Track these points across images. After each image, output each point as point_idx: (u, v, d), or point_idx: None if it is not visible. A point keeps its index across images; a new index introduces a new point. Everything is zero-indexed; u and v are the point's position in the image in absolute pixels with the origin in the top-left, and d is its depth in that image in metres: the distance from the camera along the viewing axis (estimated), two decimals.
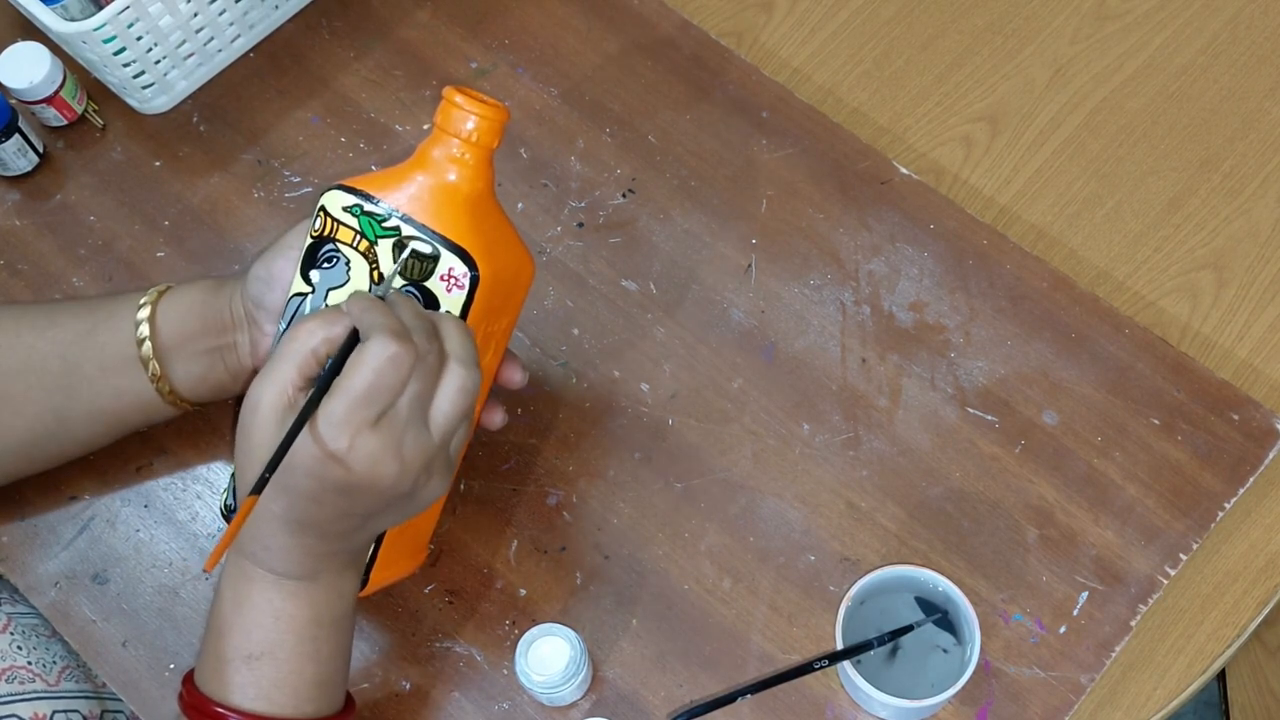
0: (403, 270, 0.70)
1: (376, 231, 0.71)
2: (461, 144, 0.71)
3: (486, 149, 0.72)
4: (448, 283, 0.70)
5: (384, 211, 0.71)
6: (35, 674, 0.85)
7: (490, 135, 0.72)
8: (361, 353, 0.65)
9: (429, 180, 0.71)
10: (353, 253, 0.71)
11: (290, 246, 0.77)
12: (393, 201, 0.71)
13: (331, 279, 0.72)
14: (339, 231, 0.72)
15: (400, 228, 0.70)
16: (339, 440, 0.65)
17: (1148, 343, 0.89)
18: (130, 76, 0.98)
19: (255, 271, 0.79)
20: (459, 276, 0.70)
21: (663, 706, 0.82)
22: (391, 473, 0.66)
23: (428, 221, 0.70)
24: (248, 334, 0.81)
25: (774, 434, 0.88)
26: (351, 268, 0.72)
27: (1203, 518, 0.84)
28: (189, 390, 0.83)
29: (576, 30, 1.03)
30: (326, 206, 0.72)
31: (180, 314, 0.81)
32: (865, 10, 1.04)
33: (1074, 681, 0.81)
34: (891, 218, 0.94)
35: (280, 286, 0.77)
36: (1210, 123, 0.98)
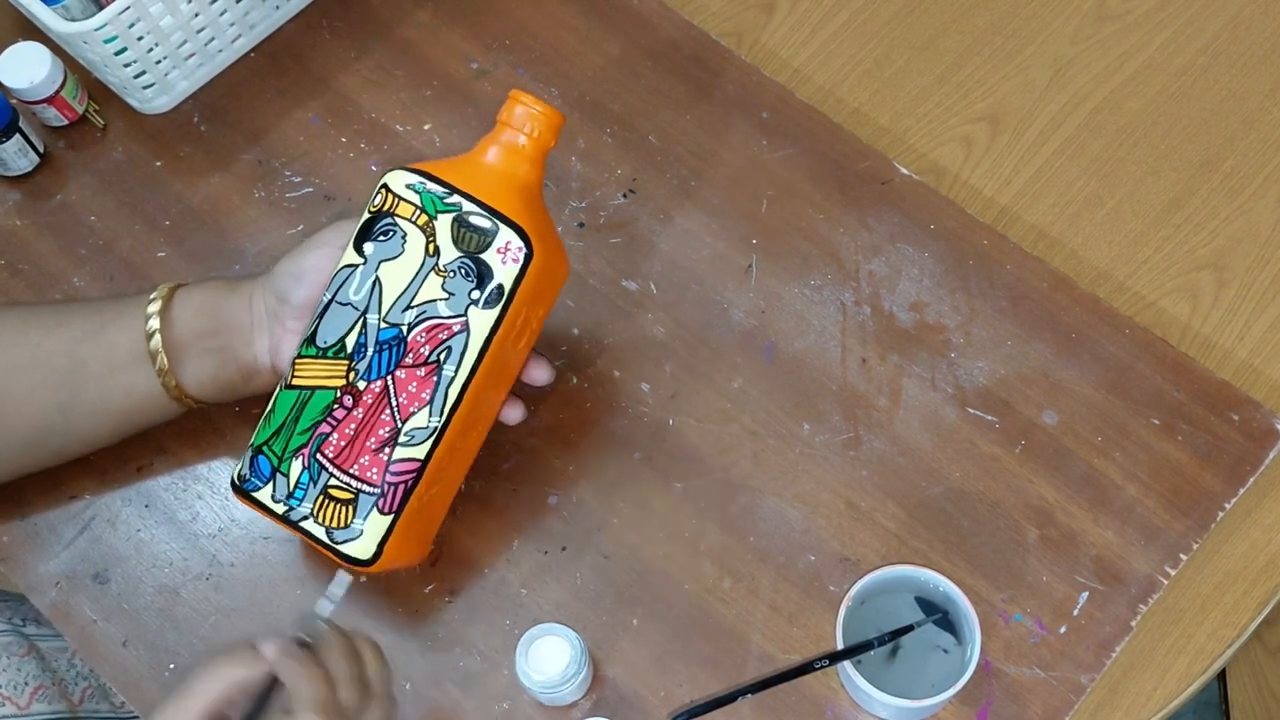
0: (459, 240, 0.76)
1: (438, 206, 0.77)
2: (523, 138, 0.78)
3: (543, 146, 0.79)
4: (503, 255, 0.76)
5: (445, 189, 0.77)
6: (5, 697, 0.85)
7: (548, 134, 0.79)
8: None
9: (489, 166, 0.78)
10: (411, 227, 0.77)
11: (325, 243, 0.81)
12: (455, 181, 0.77)
13: (386, 251, 0.77)
14: (399, 207, 0.77)
15: (461, 204, 0.76)
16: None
17: (1148, 343, 0.89)
18: (131, 76, 0.98)
19: (284, 267, 0.81)
20: (514, 250, 0.76)
21: (663, 706, 0.82)
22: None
23: (487, 200, 0.76)
24: (267, 333, 0.81)
25: (774, 434, 0.88)
26: (408, 240, 0.77)
27: (1203, 518, 0.84)
28: (197, 388, 0.83)
29: (576, 30, 1.03)
30: (389, 184, 0.78)
31: (193, 311, 0.82)
32: (865, 10, 1.04)
33: (1074, 681, 0.81)
34: (891, 218, 0.94)
35: (309, 281, 0.80)
36: (1210, 123, 0.98)
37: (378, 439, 0.76)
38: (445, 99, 1.02)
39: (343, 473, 0.77)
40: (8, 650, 0.88)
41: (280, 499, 0.77)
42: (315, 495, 0.77)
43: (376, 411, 0.77)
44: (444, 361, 0.76)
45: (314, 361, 0.78)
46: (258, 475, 0.78)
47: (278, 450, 0.78)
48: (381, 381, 0.77)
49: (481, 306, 0.76)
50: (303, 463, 0.77)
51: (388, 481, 0.76)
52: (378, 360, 0.77)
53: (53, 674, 0.90)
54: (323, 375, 0.78)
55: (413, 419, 0.76)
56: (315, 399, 0.77)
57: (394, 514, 0.76)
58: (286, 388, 0.78)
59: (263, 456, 0.78)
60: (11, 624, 0.93)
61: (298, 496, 0.77)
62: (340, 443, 0.77)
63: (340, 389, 0.77)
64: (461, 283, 0.76)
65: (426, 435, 0.76)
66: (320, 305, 0.79)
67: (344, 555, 0.77)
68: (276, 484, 0.78)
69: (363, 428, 0.77)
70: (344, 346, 0.77)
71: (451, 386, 0.76)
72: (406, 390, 0.76)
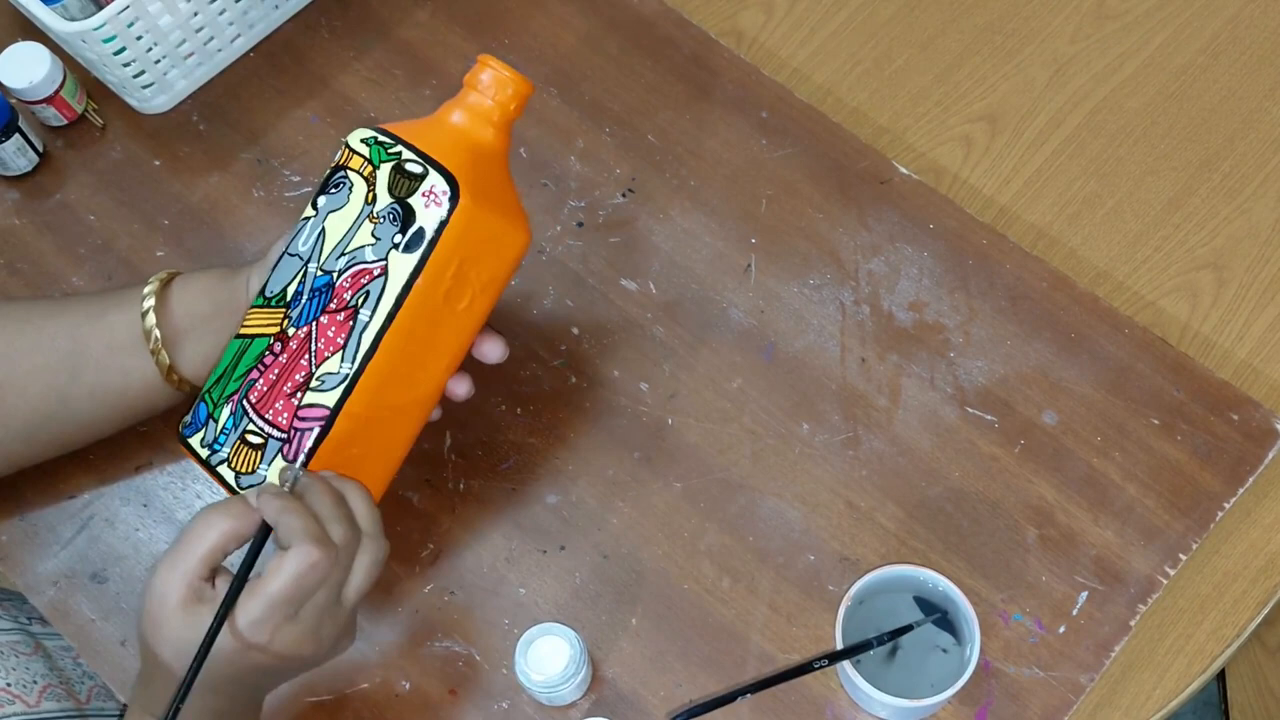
0: (392, 187, 0.75)
1: (381, 157, 0.76)
2: (487, 100, 0.77)
3: (506, 112, 0.77)
4: (427, 199, 0.74)
5: (392, 140, 0.76)
6: (15, 695, 0.85)
7: (511, 100, 0.77)
8: (282, 559, 0.67)
9: (446, 124, 0.78)
10: (357, 177, 0.76)
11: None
12: (405, 136, 0.76)
13: (334, 202, 0.77)
14: (351, 160, 0.77)
15: (401, 152, 0.75)
16: (258, 636, 0.68)
17: (1148, 343, 0.89)
18: (130, 76, 0.98)
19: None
20: (439, 194, 0.73)
21: (662, 706, 0.82)
22: (309, 652, 0.70)
23: (427, 150, 0.75)
24: None
25: (773, 434, 0.88)
26: (353, 191, 0.76)
27: (1202, 518, 0.84)
28: (195, 372, 0.83)
29: (576, 30, 1.03)
30: (349, 140, 0.78)
31: (192, 296, 0.82)
32: (865, 10, 1.04)
33: (1074, 681, 0.81)
34: (891, 218, 0.94)
35: None
36: (1210, 123, 0.98)
37: (294, 384, 0.74)
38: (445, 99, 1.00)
39: (259, 418, 0.75)
40: (15, 649, 0.88)
41: (207, 444, 0.76)
42: (234, 440, 0.75)
43: (298, 357, 0.75)
44: (361, 306, 0.74)
45: (259, 311, 0.77)
46: (196, 421, 0.77)
47: (215, 397, 0.77)
48: (307, 327, 0.75)
49: (402, 250, 0.73)
50: (230, 408, 0.76)
51: (294, 427, 0.74)
52: (308, 307, 0.75)
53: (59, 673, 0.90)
54: (263, 324, 0.77)
55: (326, 364, 0.74)
56: (253, 346, 0.76)
57: (300, 464, 0.74)
58: (235, 337, 0.78)
59: (203, 403, 0.77)
60: (18, 623, 0.93)
61: (220, 441, 0.76)
62: (263, 389, 0.75)
63: (273, 336, 0.76)
64: (388, 228, 0.74)
65: (337, 381, 0.73)
66: (277, 257, 0.78)
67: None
68: (208, 429, 0.77)
69: (284, 373, 0.75)
70: (284, 295, 0.76)
71: (365, 332, 0.73)
72: (325, 335, 0.74)
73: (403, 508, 0.88)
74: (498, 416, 0.87)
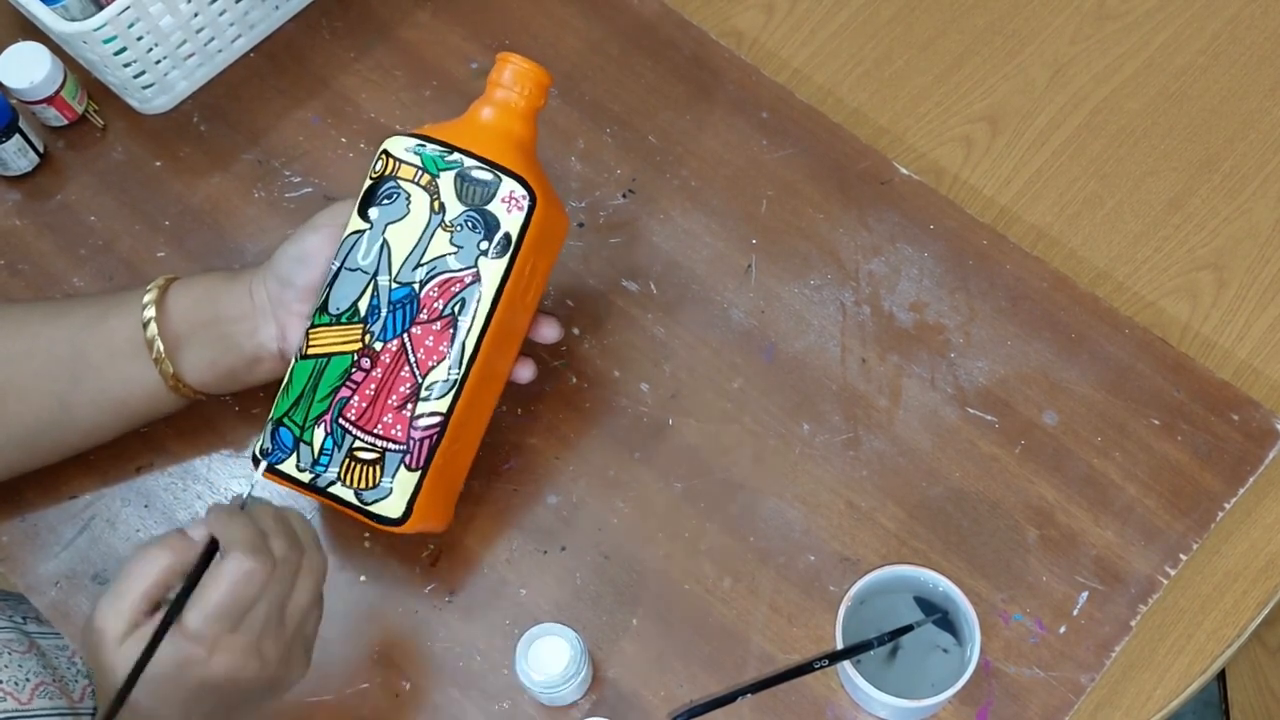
0: (463, 195, 0.78)
1: (439, 165, 0.78)
2: (515, 96, 0.80)
3: (534, 105, 0.81)
4: (508, 204, 0.77)
5: (445, 149, 0.78)
6: (7, 692, 0.85)
7: (538, 92, 0.81)
8: (219, 568, 0.69)
9: (485, 125, 0.80)
10: (414, 187, 0.78)
11: (323, 225, 0.81)
12: (454, 141, 0.79)
13: (391, 214, 0.79)
14: (401, 170, 0.79)
15: (462, 160, 0.78)
16: (198, 647, 0.68)
17: (1148, 343, 0.89)
18: (130, 76, 0.98)
19: (285, 252, 0.82)
20: (519, 198, 0.77)
21: (663, 706, 0.82)
22: (252, 671, 0.70)
23: (487, 155, 0.78)
24: (272, 320, 0.82)
25: (774, 434, 0.88)
26: (412, 201, 0.78)
27: (1203, 518, 0.84)
28: (195, 378, 0.83)
29: (576, 30, 1.03)
30: (389, 149, 0.79)
31: (191, 301, 0.82)
32: (865, 11, 1.04)
33: (1074, 681, 0.81)
34: (891, 218, 0.94)
35: (313, 264, 0.81)
36: (1210, 123, 0.98)
37: (399, 396, 0.77)
38: (445, 99, 1.01)
39: (367, 434, 0.77)
40: (9, 647, 0.88)
41: (306, 467, 0.78)
42: (341, 459, 0.77)
43: (395, 370, 0.77)
44: (459, 314, 0.77)
45: (328, 329, 0.78)
46: (280, 447, 0.78)
47: (299, 420, 0.78)
48: (398, 340, 0.77)
49: (491, 256, 0.77)
50: (325, 429, 0.78)
51: (413, 437, 0.77)
52: (392, 320, 0.78)
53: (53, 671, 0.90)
54: (338, 341, 0.78)
55: (432, 373, 0.77)
56: (332, 365, 0.78)
57: (421, 470, 0.77)
58: (302, 358, 0.79)
59: (284, 428, 0.78)
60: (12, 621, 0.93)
61: (323, 463, 0.78)
62: (362, 405, 0.77)
63: (357, 352, 0.78)
64: (469, 235, 0.77)
65: (447, 388, 0.77)
66: (329, 274, 0.79)
67: (374, 515, 0.77)
68: (300, 453, 0.78)
69: (383, 387, 0.77)
70: (357, 311, 0.78)
71: (468, 338, 0.77)
72: (423, 346, 0.77)
73: None
74: (498, 417, 0.87)
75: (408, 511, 0.77)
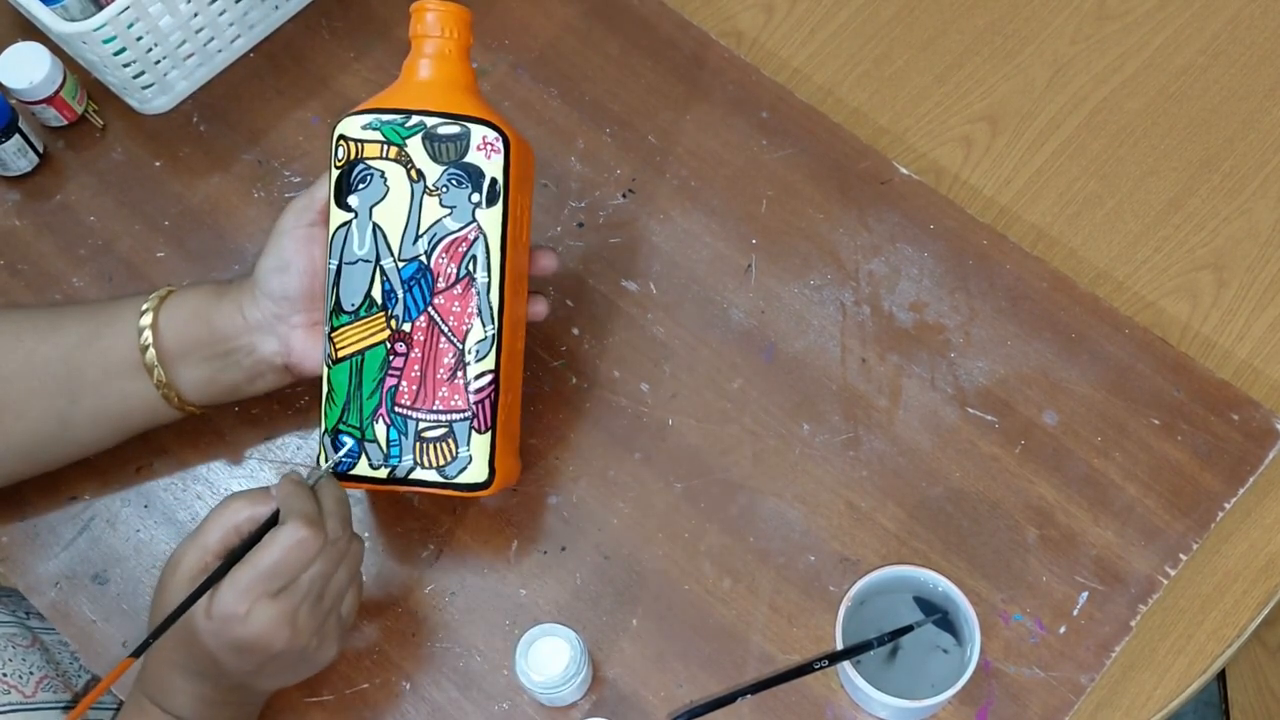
0: (438, 156, 0.77)
1: (402, 133, 0.77)
2: (443, 42, 0.79)
3: (464, 44, 0.80)
4: (485, 150, 0.77)
5: (401, 115, 0.77)
6: (11, 685, 0.85)
7: (463, 29, 0.79)
8: (275, 533, 0.72)
9: (427, 81, 0.79)
10: (385, 163, 0.78)
11: (290, 227, 0.81)
12: (406, 105, 0.77)
13: (371, 196, 0.78)
14: (365, 150, 0.78)
15: (423, 122, 0.77)
16: (239, 605, 0.71)
17: (1148, 343, 0.89)
18: (130, 77, 0.98)
19: (266, 265, 0.81)
20: (492, 141, 0.77)
21: (663, 706, 0.82)
22: (283, 638, 0.72)
23: (445, 109, 0.77)
24: (272, 336, 0.81)
25: (774, 434, 0.88)
26: (388, 178, 0.77)
27: (1203, 518, 0.84)
28: (196, 394, 0.83)
29: (576, 30, 1.03)
30: (344, 134, 0.78)
31: (184, 320, 0.82)
32: (865, 10, 1.04)
33: (1074, 681, 0.81)
34: (891, 218, 0.94)
35: (297, 268, 0.80)
36: (1210, 123, 0.98)
37: (446, 368, 0.77)
38: None
39: (428, 413, 0.78)
40: (12, 641, 0.88)
41: (379, 464, 0.78)
42: (411, 445, 0.78)
43: (433, 344, 0.78)
44: (474, 271, 0.77)
45: (349, 328, 0.78)
46: (348, 454, 0.78)
47: (354, 422, 0.78)
48: (424, 316, 0.78)
49: (486, 206, 0.77)
50: (385, 421, 0.78)
51: (474, 401, 0.77)
52: (411, 298, 0.78)
53: (55, 665, 0.90)
54: (365, 335, 0.78)
55: (469, 336, 0.77)
56: (369, 360, 0.78)
57: (491, 429, 0.78)
58: (334, 364, 0.79)
59: (342, 435, 0.78)
60: (15, 616, 0.93)
61: (394, 454, 0.78)
62: (412, 388, 0.78)
63: (388, 340, 0.78)
64: (457, 192, 0.77)
65: (489, 346, 0.78)
66: (330, 275, 0.79)
67: (462, 486, 0.78)
68: (369, 453, 0.78)
69: (427, 365, 0.78)
70: (373, 300, 0.78)
71: (491, 292, 0.78)
72: (451, 313, 0.77)
73: (403, 508, 0.88)
74: None
75: (492, 472, 0.78)
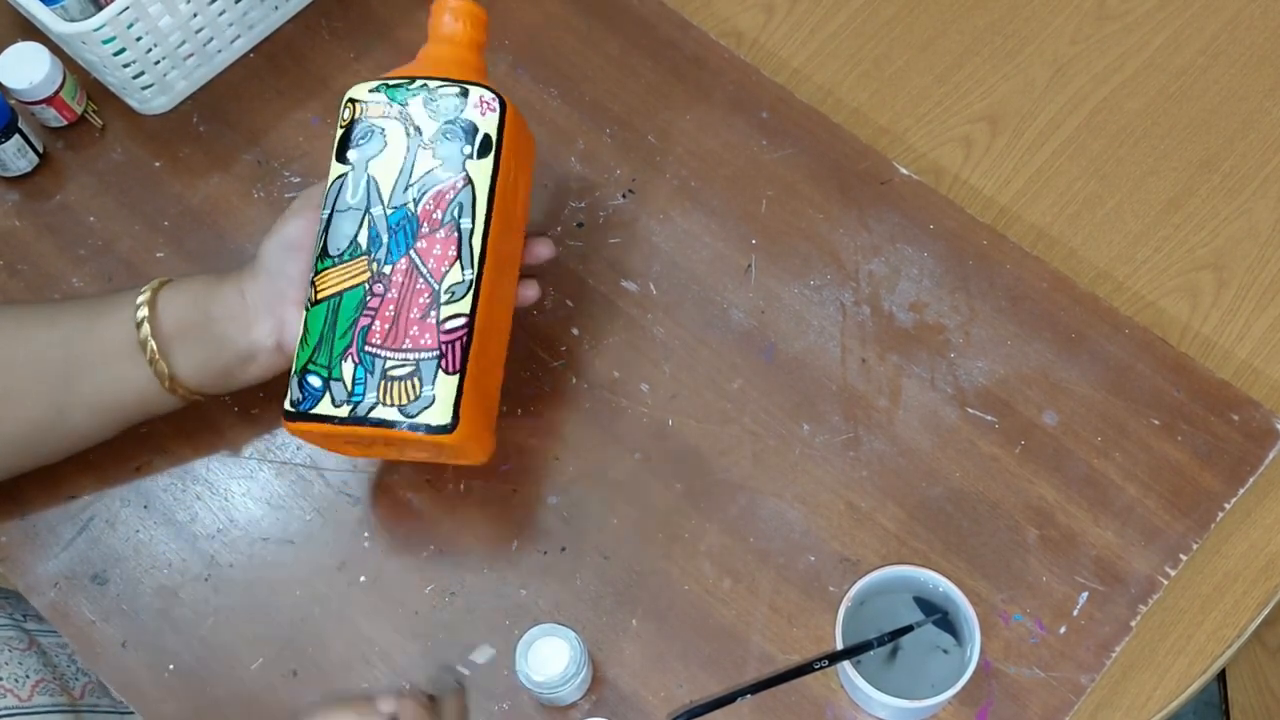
0: (435, 114, 0.79)
1: (406, 95, 0.80)
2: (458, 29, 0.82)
3: (478, 37, 0.83)
4: (481, 108, 0.79)
5: (406, 80, 0.81)
6: (7, 689, 0.85)
7: (477, 27, 0.83)
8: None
9: (438, 57, 0.82)
10: (386, 121, 0.80)
11: (300, 210, 0.82)
12: (412, 73, 0.81)
13: (370, 150, 0.80)
14: (369, 110, 0.81)
15: (425, 83, 0.80)
16: None
17: (1148, 343, 0.89)
18: (130, 77, 0.98)
19: (271, 243, 0.82)
20: (489, 101, 0.80)
21: (663, 706, 0.82)
22: None
23: (447, 75, 0.81)
24: (267, 316, 0.82)
25: (774, 434, 0.88)
26: (387, 133, 0.80)
27: (1203, 518, 0.84)
28: (191, 377, 0.83)
29: (576, 30, 1.03)
30: (353, 96, 0.81)
31: (183, 302, 0.82)
32: (865, 11, 1.04)
33: (1074, 682, 0.81)
34: (891, 218, 0.94)
35: (302, 247, 0.81)
36: (1210, 123, 0.98)
37: (419, 308, 0.77)
38: None
39: (396, 351, 0.77)
40: (9, 644, 0.88)
41: (342, 402, 0.77)
42: (376, 383, 0.77)
43: (410, 285, 0.78)
44: (459, 217, 0.78)
45: (332, 270, 0.79)
46: (310, 394, 0.78)
47: (324, 361, 0.78)
48: (405, 259, 0.78)
49: (476, 158, 0.79)
50: (353, 360, 0.78)
51: (443, 340, 0.77)
52: (394, 242, 0.78)
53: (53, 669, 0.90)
54: (345, 278, 0.79)
55: (447, 277, 0.78)
56: (345, 301, 0.78)
57: (459, 372, 0.77)
58: (313, 305, 0.79)
59: (309, 374, 0.78)
60: (12, 619, 0.93)
61: (358, 393, 0.77)
62: (384, 327, 0.78)
63: (368, 282, 0.78)
64: (450, 145, 0.79)
65: (465, 289, 0.78)
66: (321, 224, 0.80)
67: (422, 426, 0.76)
68: (333, 391, 0.78)
69: (401, 305, 0.78)
70: (357, 245, 0.79)
71: (473, 238, 0.78)
72: (432, 256, 0.78)
73: (403, 508, 0.88)
74: (498, 417, 0.87)
75: (455, 416, 0.77)
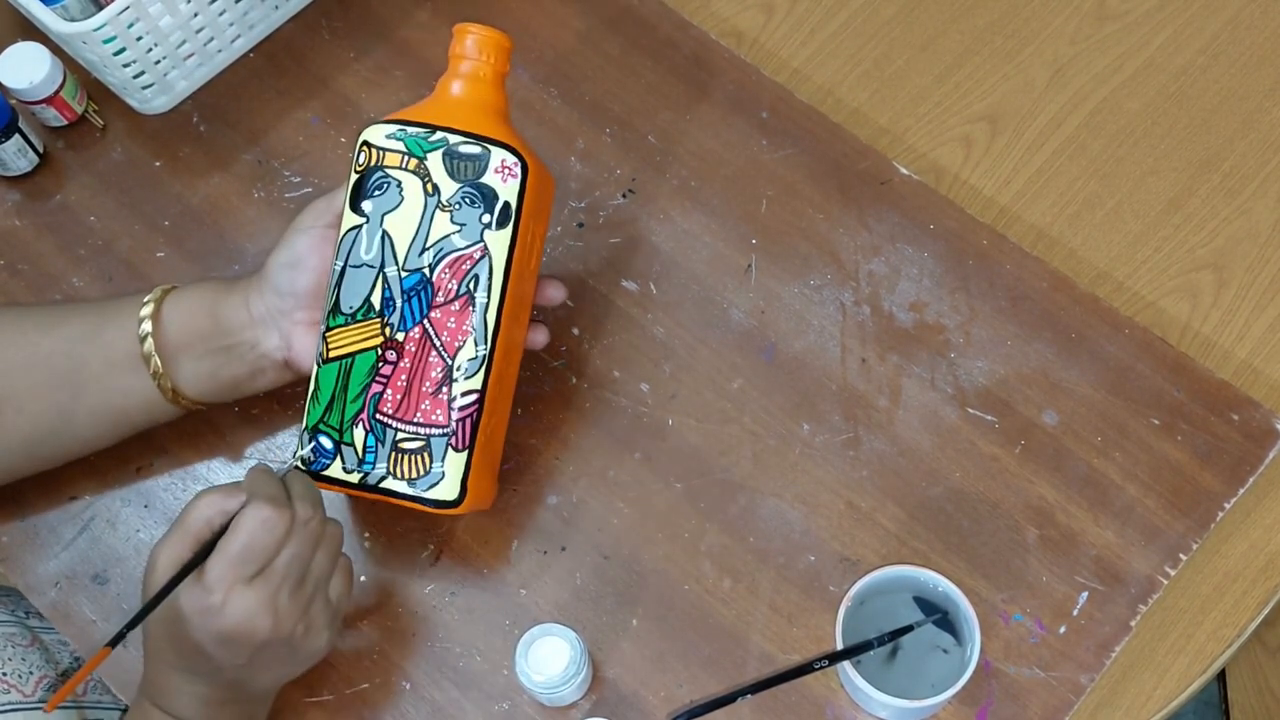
0: (455, 173, 0.77)
1: (424, 147, 0.78)
2: (480, 65, 0.80)
3: (500, 71, 0.81)
4: (502, 174, 0.78)
5: (426, 129, 0.78)
6: (11, 685, 0.85)
7: (501, 57, 0.80)
8: (240, 517, 0.72)
9: (458, 99, 0.80)
10: (403, 174, 0.78)
11: (307, 226, 0.81)
12: (433, 120, 0.79)
13: (385, 204, 0.79)
14: (385, 159, 0.79)
15: (446, 138, 0.78)
16: (214, 595, 0.71)
17: (1148, 343, 0.89)
18: (130, 77, 0.98)
19: (278, 260, 0.81)
20: (511, 166, 0.78)
21: (663, 706, 0.82)
22: (266, 625, 0.72)
23: (469, 128, 0.78)
24: (274, 330, 0.82)
25: (774, 434, 0.88)
26: (404, 188, 0.78)
27: (1203, 518, 0.84)
28: (195, 389, 0.83)
29: (576, 30, 1.03)
30: (369, 140, 0.79)
31: (188, 313, 0.82)
32: (865, 10, 1.04)
33: (1074, 681, 0.81)
34: (891, 218, 0.94)
35: (307, 267, 0.81)
36: (1210, 123, 0.98)
37: (432, 382, 0.77)
38: None
39: (408, 424, 0.78)
40: (12, 640, 0.88)
41: (353, 468, 0.78)
42: (386, 454, 0.78)
43: (423, 357, 0.78)
44: (474, 290, 0.78)
45: (345, 329, 0.79)
46: (322, 454, 0.78)
47: (335, 424, 0.78)
48: (419, 328, 0.78)
49: (495, 228, 0.78)
50: (364, 426, 0.78)
51: (455, 419, 0.77)
52: (409, 309, 0.78)
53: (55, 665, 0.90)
54: (358, 339, 0.78)
55: (460, 353, 0.77)
56: (358, 364, 0.78)
57: (468, 449, 0.78)
58: (325, 363, 0.79)
59: (321, 434, 0.78)
60: (15, 616, 0.93)
61: (369, 460, 0.78)
62: (396, 397, 0.78)
63: (380, 346, 0.78)
64: (469, 211, 0.78)
65: (477, 366, 0.78)
66: (334, 275, 0.79)
67: (431, 501, 0.78)
68: (344, 455, 0.78)
69: (414, 376, 0.78)
70: (371, 305, 0.78)
71: (489, 313, 0.78)
72: (445, 328, 0.78)
73: (403, 509, 0.88)
74: None
75: (463, 492, 0.78)
